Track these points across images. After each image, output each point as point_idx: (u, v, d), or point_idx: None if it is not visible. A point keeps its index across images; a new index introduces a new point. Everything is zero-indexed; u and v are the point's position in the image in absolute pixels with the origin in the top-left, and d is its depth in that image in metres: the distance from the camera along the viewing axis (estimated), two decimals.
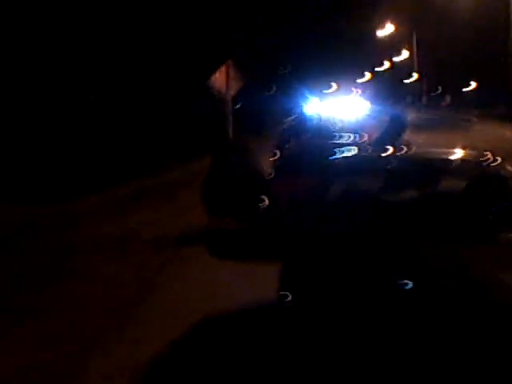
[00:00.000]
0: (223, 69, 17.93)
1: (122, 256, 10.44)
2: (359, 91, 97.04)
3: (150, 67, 34.17)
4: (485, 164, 6.39)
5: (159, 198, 16.16)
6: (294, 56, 61.85)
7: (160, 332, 7.11)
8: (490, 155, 6.56)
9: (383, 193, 6.50)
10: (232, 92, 18.12)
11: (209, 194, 10.17)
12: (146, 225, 12.55)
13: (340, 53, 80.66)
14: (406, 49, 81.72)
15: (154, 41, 33.99)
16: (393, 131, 10.20)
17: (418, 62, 76.73)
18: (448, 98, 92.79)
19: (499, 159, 6.40)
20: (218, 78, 18.13)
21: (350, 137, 14.97)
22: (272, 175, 11.55)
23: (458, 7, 60.32)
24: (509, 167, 6.23)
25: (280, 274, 5.27)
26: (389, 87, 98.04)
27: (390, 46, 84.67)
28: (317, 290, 4.68)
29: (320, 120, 20.29)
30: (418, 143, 11.54)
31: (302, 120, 19.21)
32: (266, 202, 8.05)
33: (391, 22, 72.79)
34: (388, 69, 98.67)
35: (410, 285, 4.77)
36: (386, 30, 74.91)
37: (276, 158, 13.93)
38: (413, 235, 5.38)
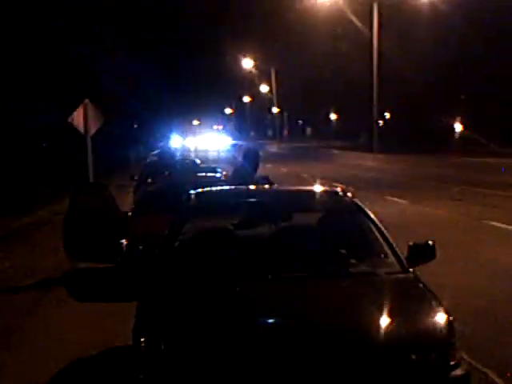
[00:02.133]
0: (81, 109, 17.69)
1: None
2: (221, 126, 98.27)
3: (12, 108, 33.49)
4: (337, 197, 6.53)
5: (23, 240, 15.79)
6: (157, 93, 61.95)
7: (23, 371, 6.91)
8: (341, 188, 6.72)
9: (238, 227, 6.57)
10: (91, 132, 17.90)
11: (67, 234, 9.99)
12: (10, 269, 12.25)
13: (200, 91, 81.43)
14: (266, 83, 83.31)
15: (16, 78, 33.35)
16: (248, 165, 10.38)
17: (278, 95, 78.27)
18: (309, 130, 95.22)
19: (350, 193, 6.53)
20: (77, 118, 17.90)
21: (210, 172, 15.14)
22: (131, 213, 11.50)
23: (316, 38, 62.03)
24: (358, 201, 6.35)
25: (135, 315, 5.20)
26: (250, 121, 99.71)
27: (250, 81, 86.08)
28: (171, 330, 4.64)
29: (182, 156, 20.41)
30: (279, 175, 11.81)
31: (162, 157, 19.23)
32: (124, 241, 7.96)
33: (250, 58, 74.03)
34: (249, 102, 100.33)
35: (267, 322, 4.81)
36: (246, 65, 76.08)
37: (137, 194, 13.89)
38: (268, 270, 5.42)
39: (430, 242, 5.83)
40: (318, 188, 7.08)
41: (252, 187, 7.62)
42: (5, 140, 32.52)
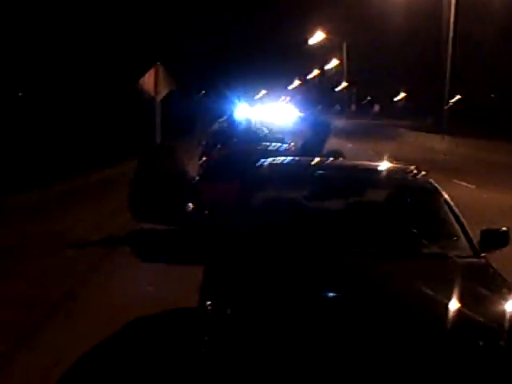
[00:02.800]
0: (152, 72, 17.75)
1: (54, 253, 10.28)
2: (288, 98, 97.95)
3: (79, 68, 33.89)
4: (409, 176, 6.42)
5: (90, 197, 15.99)
6: (224, 62, 62.06)
7: (87, 331, 6.99)
8: (414, 167, 6.60)
9: (308, 200, 6.51)
10: (161, 95, 17.96)
11: (134, 198, 10.10)
12: (77, 223, 12.43)
13: (269, 60, 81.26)
14: (336, 57, 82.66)
15: (84, 42, 33.70)
16: (317, 137, 10.32)
17: (348, 70, 77.59)
18: (377, 107, 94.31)
19: (423, 172, 6.43)
20: (147, 81, 17.96)
21: (277, 143, 15.09)
22: (198, 179, 11.55)
23: (390, 17, 61.09)
24: (433, 181, 6.25)
25: (202, 278, 5.21)
26: (318, 94, 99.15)
27: (320, 54, 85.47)
28: (238, 296, 4.63)
29: (248, 125, 20.37)
30: (344, 151, 11.72)
31: (230, 125, 19.23)
32: (191, 205, 7.98)
33: (322, 31, 73.34)
34: (317, 76, 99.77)
35: (334, 296, 4.76)
36: (317, 38, 75.43)
37: (203, 161, 13.94)
38: (337, 244, 5.38)
39: (504, 228, 5.72)
40: (391, 165, 6.99)
41: (324, 160, 7.54)
42: (77, 100, 33.00)
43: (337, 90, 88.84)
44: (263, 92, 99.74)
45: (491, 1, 49.26)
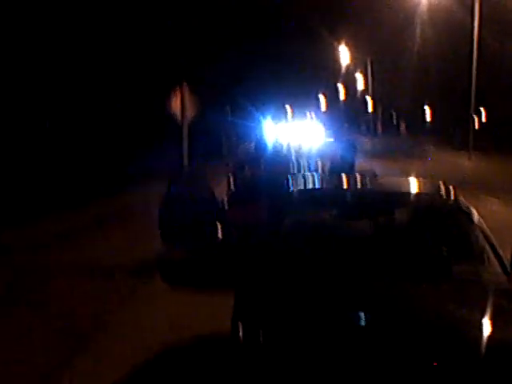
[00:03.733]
0: (178, 94, 17.83)
1: (83, 282, 10.32)
2: (314, 117, 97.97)
3: (106, 90, 34.17)
4: (439, 196, 6.36)
5: (118, 222, 16.06)
6: (250, 82, 62.23)
7: (118, 361, 7.00)
8: (444, 187, 6.52)
9: (337, 223, 6.49)
10: (188, 118, 18.02)
11: (164, 221, 10.14)
12: (106, 251, 12.46)
13: (296, 78, 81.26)
14: (362, 76, 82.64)
15: (111, 63, 34.00)
16: (346, 158, 10.30)
17: (374, 89, 77.50)
18: (403, 126, 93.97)
19: (453, 191, 6.36)
20: (174, 102, 18.03)
21: (305, 164, 15.12)
22: (226, 201, 11.57)
23: (415, 35, 61.01)
24: (462, 200, 6.19)
25: (233, 303, 5.21)
26: (344, 113, 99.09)
27: (346, 73, 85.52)
28: (270, 319, 4.62)
29: (276, 147, 20.39)
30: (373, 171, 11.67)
31: (258, 146, 19.30)
32: (220, 229, 8.00)
33: (347, 49, 73.46)
34: (343, 95, 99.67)
35: (366, 320, 4.73)
36: (342, 56, 75.53)
37: (231, 184, 13.96)
38: (367, 267, 5.35)
39: None
40: (419, 184, 6.94)
41: (351, 181, 7.52)
42: (106, 123, 33.28)
43: (362, 108, 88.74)
44: (290, 111, 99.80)
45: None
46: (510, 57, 50.64)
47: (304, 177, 8.11)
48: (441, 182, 6.62)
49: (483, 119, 56.02)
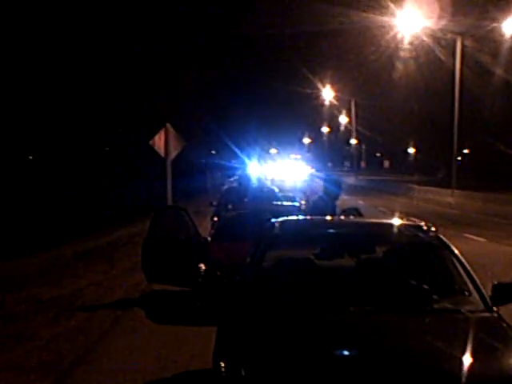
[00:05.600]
0: (162, 133, 17.92)
1: (65, 318, 10.27)
2: (298, 155, 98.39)
3: (91, 129, 34.31)
4: (419, 232, 6.44)
5: (100, 259, 16.04)
6: (236, 122, 62.60)
7: None
8: (424, 223, 6.62)
9: (320, 258, 6.54)
10: (171, 156, 18.11)
11: (147, 260, 10.17)
12: (89, 287, 12.44)
13: (280, 116, 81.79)
14: (346, 114, 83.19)
15: (96, 102, 34.19)
16: (329, 196, 10.38)
17: (356, 127, 78.02)
18: (387, 163, 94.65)
19: (433, 227, 6.45)
20: (157, 142, 18.12)
21: (288, 201, 15.16)
22: (210, 239, 11.60)
23: (399, 75, 61.63)
24: (442, 236, 6.27)
25: (215, 339, 5.24)
26: (327, 151, 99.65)
27: (330, 111, 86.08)
28: (252, 357, 4.65)
29: (259, 184, 20.48)
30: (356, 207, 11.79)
31: (241, 184, 19.36)
32: (203, 266, 8.03)
33: (331, 88, 74.01)
34: (327, 133, 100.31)
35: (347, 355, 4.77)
36: (326, 95, 76.09)
37: (214, 221, 14.00)
38: (349, 302, 5.39)
39: None
40: (400, 221, 7.02)
41: (335, 218, 7.59)
42: (88, 162, 33.37)
43: (346, 147, 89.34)
44: (274, 150, 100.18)
45: (496, 54, 49.75)
46: (491, 95, 51.27)
47: (286, 215, 8.13)
48: (423, 222, 6.73)
49: (465, 157, 56.48)
